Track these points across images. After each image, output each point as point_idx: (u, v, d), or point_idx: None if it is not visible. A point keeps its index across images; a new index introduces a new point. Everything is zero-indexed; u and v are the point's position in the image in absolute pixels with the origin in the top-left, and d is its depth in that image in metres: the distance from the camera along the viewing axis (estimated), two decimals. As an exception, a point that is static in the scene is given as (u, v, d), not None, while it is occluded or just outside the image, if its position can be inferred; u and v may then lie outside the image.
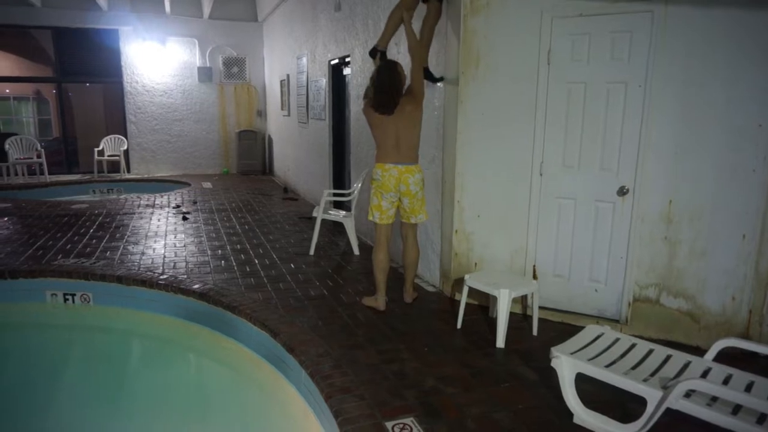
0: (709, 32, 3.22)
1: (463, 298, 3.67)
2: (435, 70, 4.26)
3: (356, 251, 5.45)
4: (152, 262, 5.02)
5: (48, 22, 10.42)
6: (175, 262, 5.04)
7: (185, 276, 4.62)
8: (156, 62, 11.16)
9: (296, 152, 9.34)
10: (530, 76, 3.76)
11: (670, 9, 3.28)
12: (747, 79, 3.19)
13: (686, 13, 3.25)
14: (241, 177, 11.45)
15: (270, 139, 11.87)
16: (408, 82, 3.83)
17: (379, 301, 3.97)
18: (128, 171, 11.26)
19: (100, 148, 11.02)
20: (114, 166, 11.07)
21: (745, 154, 3.25)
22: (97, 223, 6.69)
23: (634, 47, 3.43)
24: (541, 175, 3.84)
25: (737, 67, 3.20)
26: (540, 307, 3.73)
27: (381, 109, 3.71)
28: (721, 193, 3.34)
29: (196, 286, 4.30)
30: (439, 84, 4.26)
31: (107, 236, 6.01)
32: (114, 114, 11.90)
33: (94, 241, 5.79)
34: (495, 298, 3.55)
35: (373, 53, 4.05)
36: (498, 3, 3.80)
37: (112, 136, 11.22)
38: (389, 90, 3.67)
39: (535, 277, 3.96)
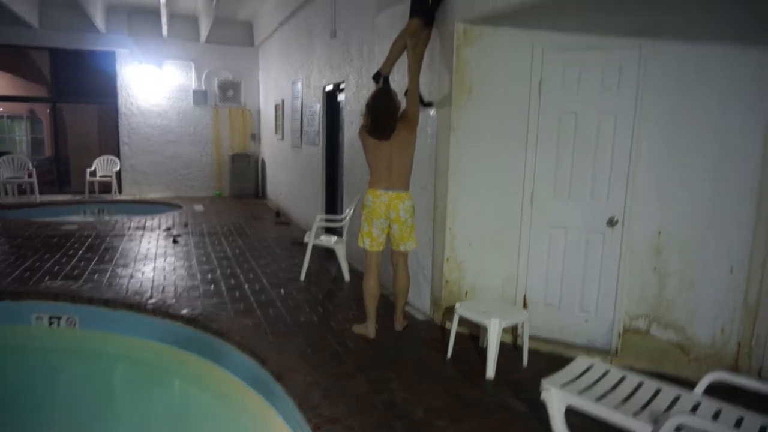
0: (697, 68, 3.30)
1: (454, 327, 3.65)
2: (428, 98, 4.31)
3: (347, 277, 5.43)
4: (141, 286, 4.97)
5: (45, 43, 10.48)
6: (164, 286, 4.99)
7: (174, 300, 4.57)
8: (152, 84, 11.23)
9: (289, 176, 9.36)
10: (522, 106, 3.82)
11: (658, 44, 3.36)
12: (733, 115, 3.25)
13: (674, 49, 3.33)
14: (234, 200, 11.43)
15: (263, 163, 11.89)
16: (403, 106, 3.88)
17: (369, 328, 3.94)
18: (120, 192, 11.22)
19: (93, 168, 10.98)
20: (105, 187, 11.02)
21: (732, 187, 3.30)
22: (86, 244, 6.64)
23: (624, 80, 3.50)
24: (532, 203, 3.87)
25: (725, 102, 3.26)
26: (530, 337, 3.72)
27: (377, 134, 3.75)
28: (709, 226, 3.38)
29: (185, 311, 4.25)
30: (431, 112, 4.31)
31: (96, 258, 5.96)
32: (107, 135, 11.92)
33: (82, 263, 5.73)
34: (485, 328, 3.53)
35: (376, 77, 4.12)
36: (491, 34, 3.87)
37: (104, 156, 11.20)
38: (385, 115, 3.71)
39: (525, 306, 3.95)
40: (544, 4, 3.29)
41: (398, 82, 4.56)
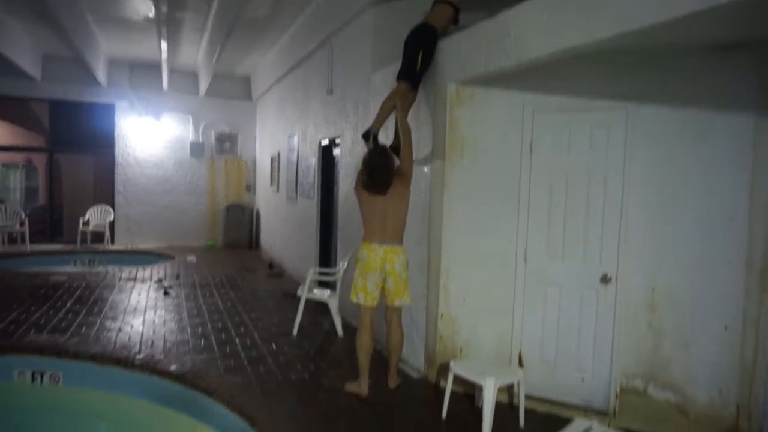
0: (681, 129, 3.41)
1: (449, 386, 3.58)
2: (421, 156, 4.39)
3: (340, 332, 5.35)
4: (129, 340, 4.87)
5: (46, 95, 10.66)
6: (153, 340, 4.89)
7: (162, 356, 4.47)
8: (149, 136, 11.35)
9: (284, 228, 9.37)
10: (513, 165, 3.90)
11: (643, 107, 3.47)
12: (717, 174, 3.33)
13: (658, 112, 3.45)
14: (227, 250, 11.36)
15: (258, 214, 11.92)
16: (397, 162, 3.96)
17: (361, 386, 3.86)
18: (112, 242, 11.13)
19: (86, 218, 10.92)
20: (98, 237, 10.94)
21: (721, 244, 3.33)
22: (75, 296, 6.54)
23: (612, 140, 3.59)
24: (525, 262, 3.88)
25: (708, 161, 3.35)
26: (526, 396, 3.64)
27: (374, 189, 3.81)
28: (701, 283, 3.39)
29: (173, 367, 4.15)
30: (425, 169, 4.38)
31: (84, 310, 5.85)
32: (103, 184, 11.94)
33: (70, 315, 5.63)
34: (481, 387, 3.46)
35: (366, 135, 4.21)
36: (482, 95, 3.99)
37: (98, 206, 11.18)
38: (381, 171, 3.79)
39: (521, 363, 3.89)
40: (533, 68, 3.42)
41: (389, 140, 4.65)
